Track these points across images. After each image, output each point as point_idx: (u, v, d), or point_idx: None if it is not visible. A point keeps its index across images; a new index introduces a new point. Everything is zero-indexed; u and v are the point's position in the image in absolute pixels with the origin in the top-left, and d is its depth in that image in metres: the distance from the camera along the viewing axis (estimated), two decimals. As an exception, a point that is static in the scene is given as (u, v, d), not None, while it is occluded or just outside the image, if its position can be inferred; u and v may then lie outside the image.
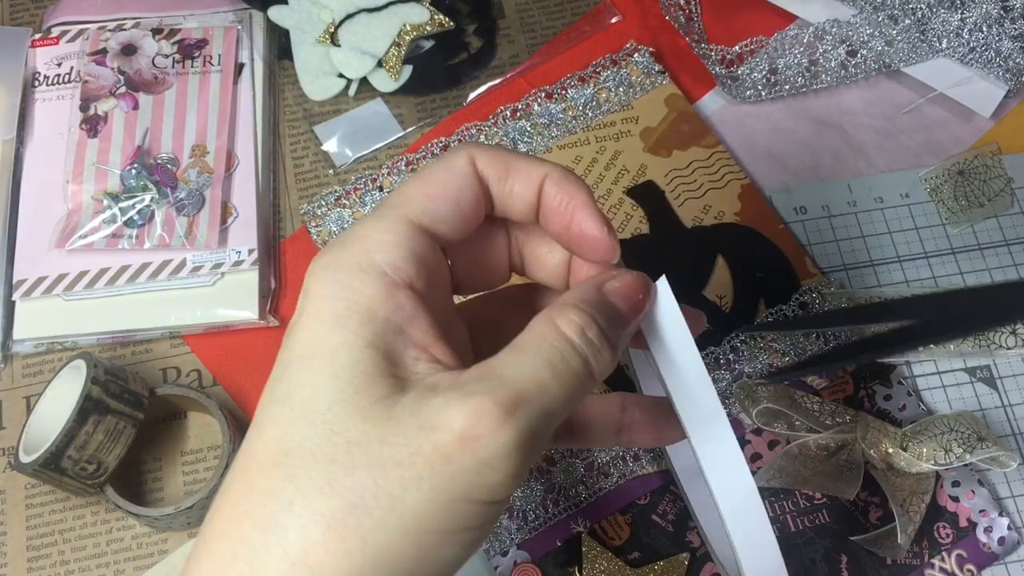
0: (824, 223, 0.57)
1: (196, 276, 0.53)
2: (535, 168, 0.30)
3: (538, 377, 0.26)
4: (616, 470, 0.50)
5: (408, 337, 0.27)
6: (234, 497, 0.26)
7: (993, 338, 0.53)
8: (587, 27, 0.63)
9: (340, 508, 0.24)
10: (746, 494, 0.31)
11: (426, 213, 0.29)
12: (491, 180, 0.30)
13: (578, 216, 0.30)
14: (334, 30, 0.60)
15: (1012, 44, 0.57)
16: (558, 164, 0.31)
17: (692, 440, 0.31)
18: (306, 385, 0.26)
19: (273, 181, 0.58)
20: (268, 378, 0.28)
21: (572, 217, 0.30)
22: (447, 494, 0.25)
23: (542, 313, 0.28)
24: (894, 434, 0.48)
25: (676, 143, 0.58)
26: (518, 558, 0.48)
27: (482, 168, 0.30)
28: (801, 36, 0.60)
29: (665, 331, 0.31)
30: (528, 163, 0.30)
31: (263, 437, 0.26)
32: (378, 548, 0.24)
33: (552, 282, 0.33)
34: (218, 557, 0.25)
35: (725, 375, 0.52)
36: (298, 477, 0.25)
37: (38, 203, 0.55)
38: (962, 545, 0.48)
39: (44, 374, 0.53)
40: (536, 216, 0.31)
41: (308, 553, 0.24)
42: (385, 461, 0.25)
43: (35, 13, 0.63)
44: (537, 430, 0.26)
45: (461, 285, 0.33)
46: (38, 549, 0.49)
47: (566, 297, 0.29)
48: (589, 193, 0.30)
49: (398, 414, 0.25)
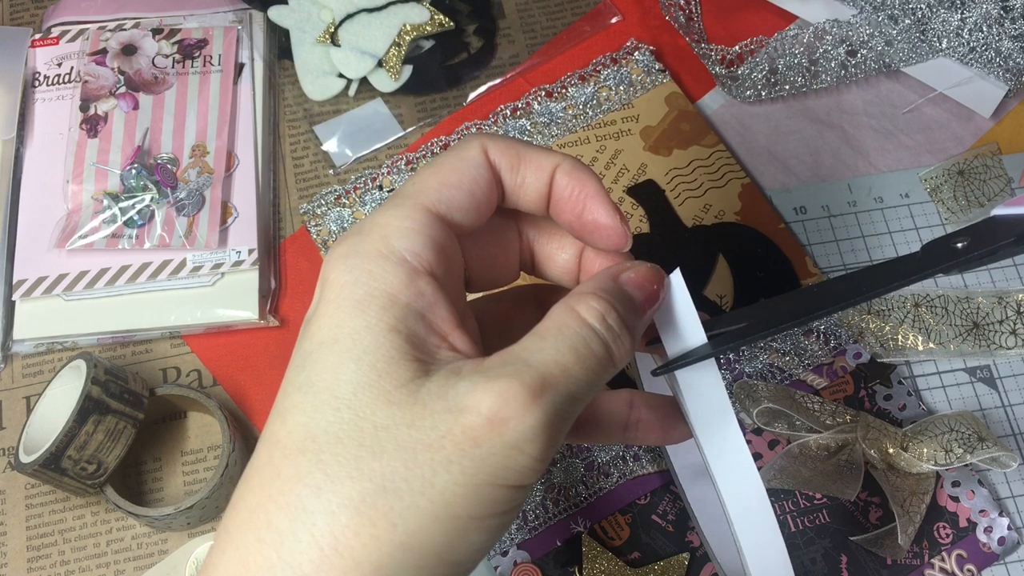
0: (824, 223, 0.57)
1: (196, 276, 0.53)
2: (546, 158, 0.30)
3: (562, 361, 0.26)
4: (616, 470, 0.50)
5: (429, 323, 0.27)
6: (258, 485, 0.26)
7: (993, 338, 0.53)
8: (587, 27, 0.63)
9: (370, 492, 0.24)
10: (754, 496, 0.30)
11: (442, 201, 0.29)
12: (503, 169, 0.30)
13: (590, 205, 0.30)
14: (334, 30, 0.60)
15: (1012, 44, 0.57)
16: (568, 155, 0.31)
17: (700, 439, 0.31)
18: (328, 371, 0.26)
19: (273, 181, 0.58)
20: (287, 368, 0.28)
21: (584, 206, 0.30)
22: (476, 477, 0.25)
23: (561, 302, 0.28)
24: (894, 434, 0.48)
25: (676, 142, 0.58)
26: (518, 558, 0.48)
27: (494, 157, 0.30)
28: (801, 36, 0.60)
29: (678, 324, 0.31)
30: (539, 153, 0.30)
31: (286, 424, 0.26)
32: (408, 532, 0.24)
33: (563, 279, 0.34)
34: (243, 545, 0.25)
35: (725, 375, 0.52)
36: (325, 462, 0.25)
37: (38, 203, 0.55)
38: (962, 545, 0.48)
39: (44, 374, 0.53)
40: (547, 206, 0.31)
41: (337, 538, 0.24)
42: (414, 445, 0.25)
43: (35, 13, 0.63)
44: (563, 413, 0.26)
45: (472, 282, 0.33)
46: (38, 549, 0.49)
47: (584, 286, 0.29)
48: (600, 182, 0.30)
49: (424, 397, 0.25)
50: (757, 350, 0.52)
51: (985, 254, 0.28)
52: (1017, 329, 0.53)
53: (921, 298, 0.54)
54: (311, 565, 0.24)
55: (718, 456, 0.30)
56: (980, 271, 0.55)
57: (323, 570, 0.24)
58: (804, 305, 0.31)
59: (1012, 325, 0.53)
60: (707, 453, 0.31)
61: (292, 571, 0.24)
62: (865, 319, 0.53)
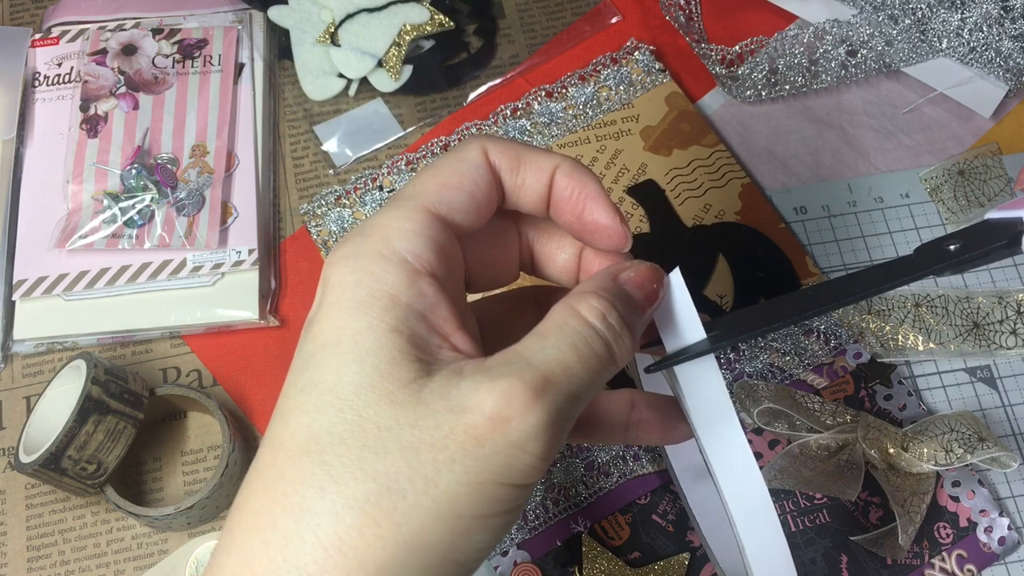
0: (824, 223, 0.57)
1: (196, 276, 0.53)
2: (546, 159, 0.30)
3: (563, 360, 0.26)
4: (616, 470, 0.50)
5: (431, 324, 0.27)
6: (262, 486, 0.26)
7: (993, 338, 0.53)
8: (587, 27, 0.63)
9: (374, 492, 0.24)
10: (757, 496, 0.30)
11: (442, 202, 0.29)
12: (503, 171, 0.30)
13: (590, 205, 0.30)
14: (334, 30, 0.60)
15: (1012, 44, 0.57)
16: (568, 156, 0.31)
17: (701, 439, 0.31)
18: (331, 372, 0.26)
19: (273, 181, 0.58)
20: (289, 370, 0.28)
21: (584, 207, 0.30)
22: (480, 476, 0.25)
23: (561, 301, 0.28)
24: (895, 434, 0.48)
25: (676, 142, 0.58)
26: (518, 558, 0.48)
27: (494, 159, 0.30)
28: (801, 36, 0.60)
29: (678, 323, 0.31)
30: (539, 154, 0.31)
31: (289, 426, 0.26)
32: (412, 532, 0.25)
33: (562, 279, 0.34)
34: (248, 547, 0.25)
35: (726, 375, 0.52)
36: (329, 463, 0.25)
37: (38, 203, 0.55)
38: (962, 545, 0.48)
39: (44, 374, 0.53)
40: (547, 207, 0.31)
41: (342, 539, 0.24)
42: (417, 445, 0.25)
43: (35, 13, 0.63)
44: (565, 412, 0.26)
45: (472, 282, 0.33)
46: (38, 549, 0.49)
47: (584, 286, 0.29)
48: (599, 183, 0.31)
49: (427, 398, 0.25)
50: (757, 350, 0.52)
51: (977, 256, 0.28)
52: (1017, 329, 0.53)
53: (921, 298, 0.54)
54: (316, 566, 0.24)
55: (720, 456, 0.30)
56: (980, 271, 0.55)
57: (328, 571, 0.24)
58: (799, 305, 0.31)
59: (1012, 325, 0.53)
60: (709, 453, 0.31)
61: (297, 572, 0.24)
62: (865, 319, 0.53)
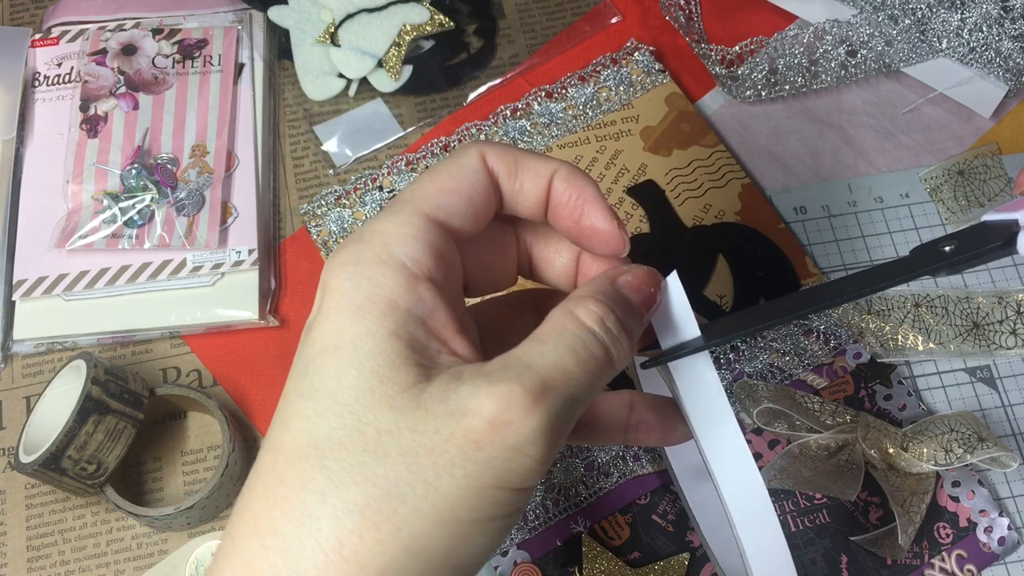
0: (824, 223, 0.57)
1: (196, 276, 0.53)
2: (544, 164, 0.30)
3: (562, 364, 0.26)
4: (616, 470, 0.50)
5: (430, 328, 0.27)
6: (262, 491, 0.26)
7: (993, 338, 0.53)
8: (587, 27, 0.63)
9: (374, 496, 0.25)
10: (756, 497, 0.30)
11: (440, 207, 0.29)
12: (501, 176, 0.30)
13: (587, 210, 0.30)
14: (334, 30, 0.60)
15: (1012, 44, 0.57)
16: (566, 161, 0.31)
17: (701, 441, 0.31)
18: (331, 377, 0.26)
19: (273, 181, 0.58)
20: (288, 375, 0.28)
21: (582, 212, 0.30)
22: (480, 480, 0.25)
23: (560, 306, 0.28)
24: (894, 434, 0.48)
25: (676, 142, 0.58)
26: (518, 558, 0.48)
27: (492, 164, 0.30)
28: (801, 36, 0.60)
29: (675, 327, 0.31)
30: (537, 160, 0.31)
31: (290, 430, 0.26)
32: (412, 536, 0.25)
33: (560, 283, 0.34)
34: (249, 552, 0.25)
35: (726, 375, 0.52)
36: (330, 468, 0.25)
37: (38, 203, 0.55)
38: (962, 545, 0.48)
39: (44, 374, 0.53)
40: (544, 212, 0.31)
41: (342, 543, 0.24)
42: (417, 449, 0.25)
43: (35, 13, 0.63)
44: (563, 415, 0.26)
45: (471, 287, 0.33)
46: (38, 549, 0.49)
47: (582, 290, 0.29)
48: (597, 188, 0.31)
49: (426, 402, 0.25)
50: (757, 350, 0.52)
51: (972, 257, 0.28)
52: (1017, 329, 0.53)
53: (921, 298, 0.54)
54: (316, 571, 0.24)
55: (719, 457, 0.30)
56: (980, 271, 0.55)
57: (328, 575, 0.24)
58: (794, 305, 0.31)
59: (1012, 325, 0.53)
60: (707, 454, 0.31)
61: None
62: (865, 319, 0.53)
